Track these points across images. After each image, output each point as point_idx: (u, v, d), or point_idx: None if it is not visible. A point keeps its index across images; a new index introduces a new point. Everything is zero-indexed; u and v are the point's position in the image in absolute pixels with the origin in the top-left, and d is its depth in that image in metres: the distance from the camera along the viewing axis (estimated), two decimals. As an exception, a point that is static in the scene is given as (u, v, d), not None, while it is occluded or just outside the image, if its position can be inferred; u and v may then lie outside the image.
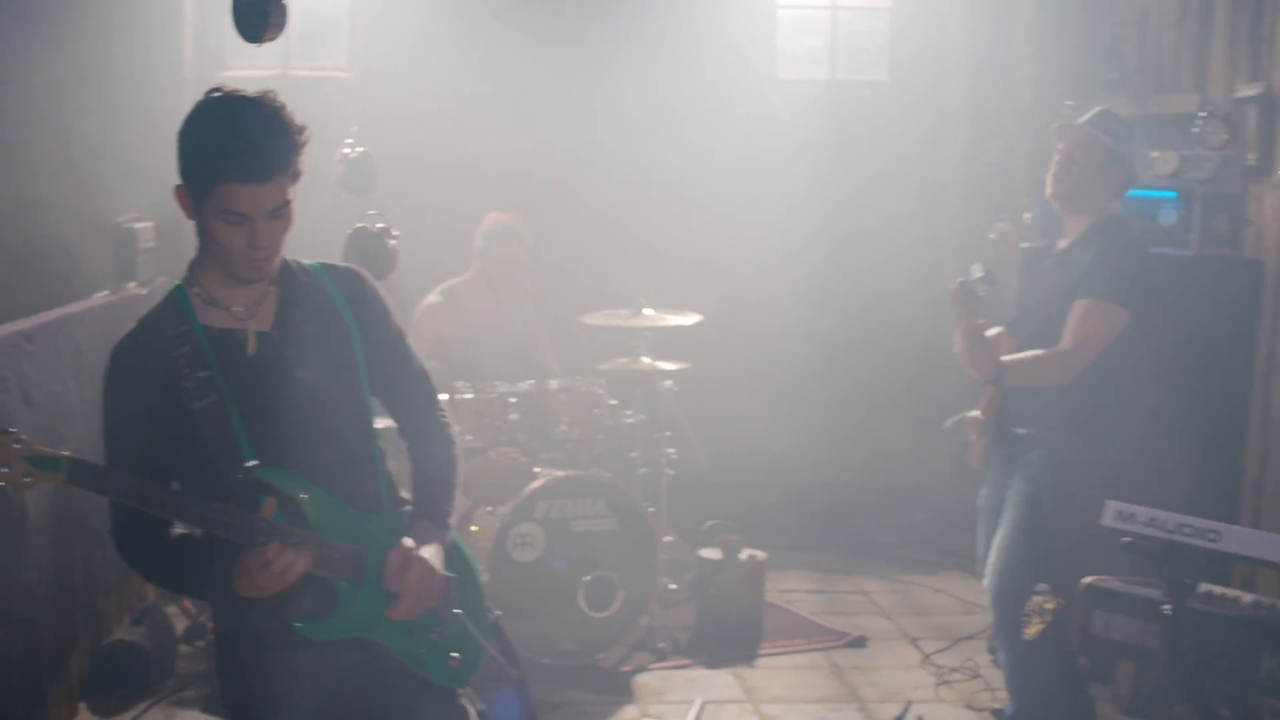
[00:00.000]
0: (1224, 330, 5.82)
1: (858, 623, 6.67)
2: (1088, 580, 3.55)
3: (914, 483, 8.23)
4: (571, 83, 7.85)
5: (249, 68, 7.26)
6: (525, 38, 7.79)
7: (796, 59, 8.64)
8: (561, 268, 7.61)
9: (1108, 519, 3.44)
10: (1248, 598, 3.46)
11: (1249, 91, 6.14)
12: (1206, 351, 5.75)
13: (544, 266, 7.23)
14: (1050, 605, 3.90)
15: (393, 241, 5.84)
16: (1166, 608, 3.36)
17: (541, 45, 7.85)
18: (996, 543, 4.88)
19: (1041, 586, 4.07)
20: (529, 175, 7.66)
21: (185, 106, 3.02)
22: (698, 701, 5.64)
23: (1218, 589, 3.49)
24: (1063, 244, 4.99)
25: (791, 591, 7.09)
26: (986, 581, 4.90)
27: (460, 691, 3.36)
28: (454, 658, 3.32)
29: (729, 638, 6.29)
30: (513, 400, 6.12)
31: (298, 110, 3.03)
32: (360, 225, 5.79)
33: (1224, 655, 3.33)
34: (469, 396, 6.09)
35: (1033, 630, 3.92)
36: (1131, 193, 5.66)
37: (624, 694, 5.77)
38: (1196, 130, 6.11)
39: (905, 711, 5.57)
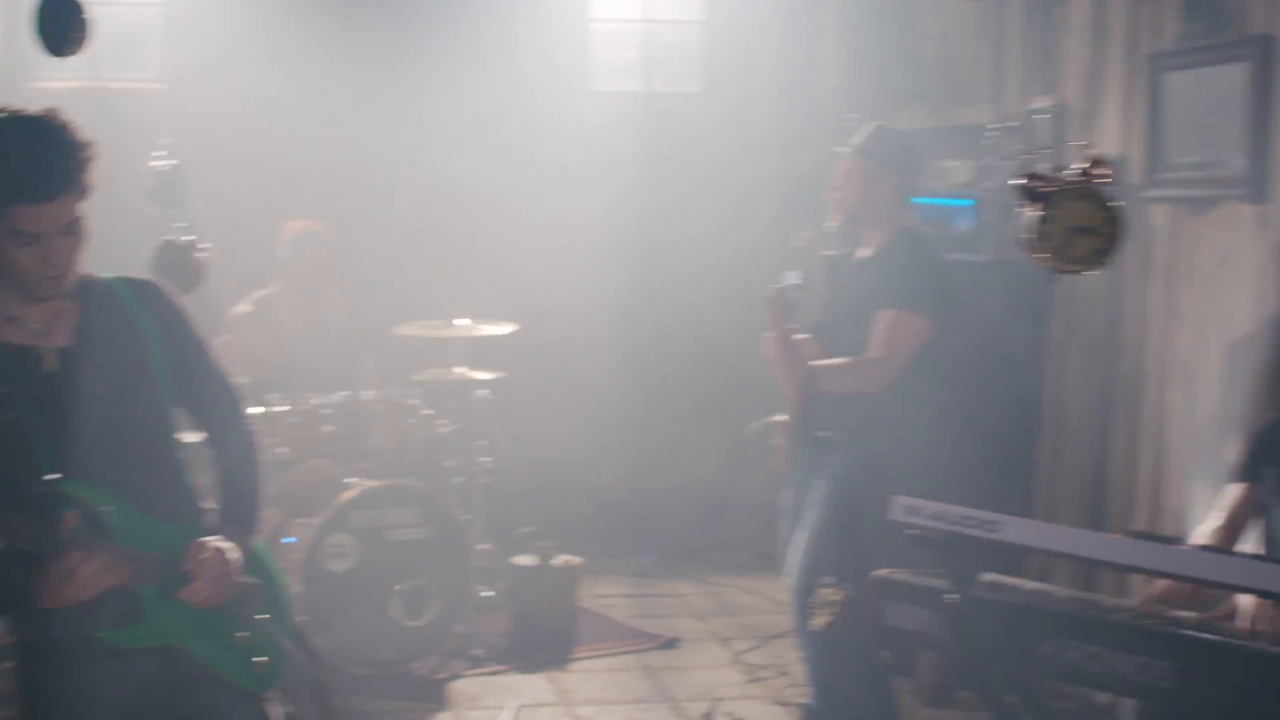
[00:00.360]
0: (1018, 333, 6.03)
1: (671, 625, 6.78)
2: (878, 573, 3.67)
3: (727, 486, 8.36)
4: (386, 94, 7.84)
5: (59, 80, 7.13)
6: (339, 48, 7.73)
7: (611, 71, 8.73)
8: (375, 278, 7.60)
9: (896, 514, 3.55)
10: (1029, 585, 3.60)
11: (1041, 104, 6.38)
12: (1003, 354, 5.94)
13: (357, 276, 7.21)
14: (836, 597, 4.03)
15: (201, 254, 5.80)
16: (951, 597, 3.49)
17: (356, 56, 7.81)
18: (800, 543, 5.01)
19: (827, 579, 4.20)
20: (344, 185, 7.63)
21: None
22: (512, 706, 5.70)
23: (1001, 578, 3.63)
24: (864, 253, 5.16)
25: (606, 596, 7.17)
26: (790, 580, 5.04)
27: (266, 695, 3.39)
28: (259, 662, 3.35)
29: (544, 643, 6.35)
30: (327, 412, 6.13)
31: (109, 122, 3.06)
32: (167, 238, 5.75)
33: (1007, 641, 3.47)
34: (283, 409, 6.08)
35: (820, 621, 4.04)
36: (929, 200, 5.87)
37: (438, 701, 5.81)
38: (991, 141, 6.32)
39: (713, 709, 5.68)
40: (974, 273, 5.92)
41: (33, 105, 3.07)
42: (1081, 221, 3.40)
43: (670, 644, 6.51)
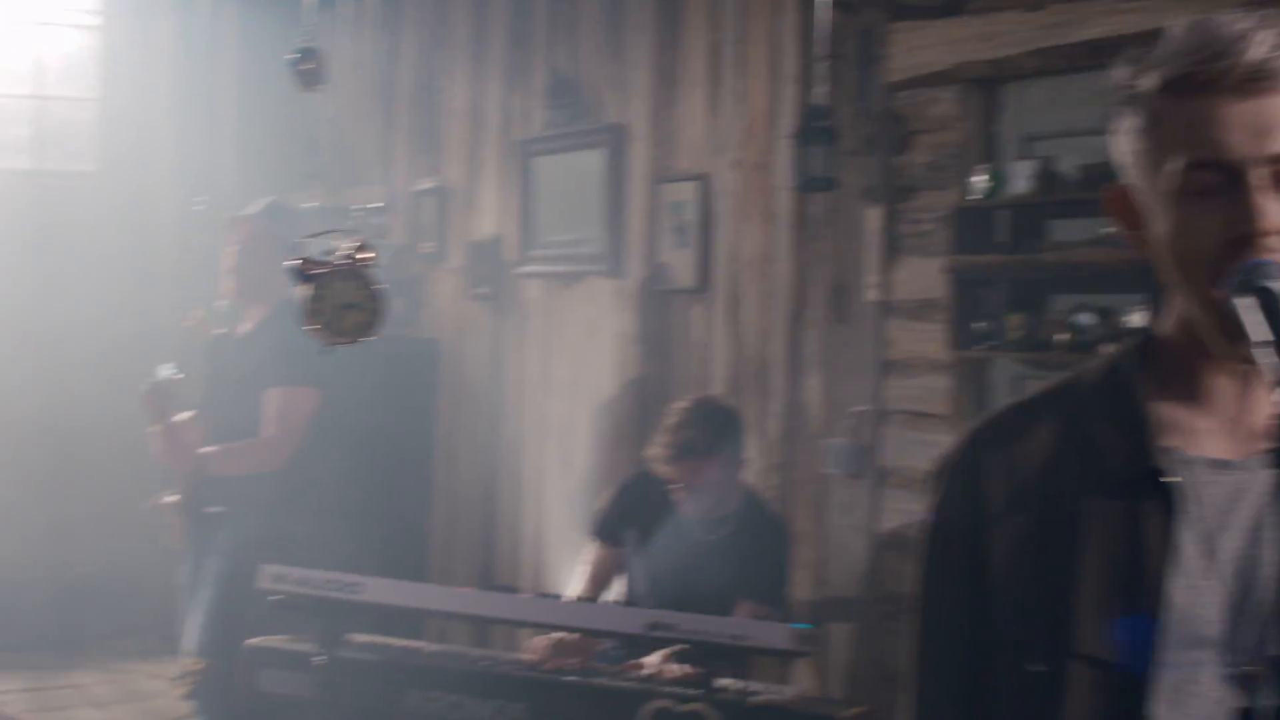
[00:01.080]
0: (410, 404, 6.25)
1: (70, 717, 6.59)
2: (250, 641, 3.75)
3: (127, 569, 8.17)
4: None
5: None
6: None
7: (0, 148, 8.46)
8: None
9: (262, 581, 3.65)
10: (398, 643, 3.78)
11: (427, 185, 6.68)
12: (396, 425, 6.13)
13: None
14: (196, 667, 4.09)
15: None
16: (319, 658, 3.61)
17: None
18: (194, 621, 5.00)
19: (189, 649, 4.23)
20: None
21: None
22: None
23: (373, 638, 3.78)
24: (245, 328, 5.21)
25: (2, 692, 6.87)
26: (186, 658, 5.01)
27: None
28: None
29: (-73, 746, 6.06)
30: None
31: None
32: None
33: (374, 697, 3.62)
34: None
35: (182, 691, 4.08)
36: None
37: None
38: (359, 221, 6.58)
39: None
40: (363, 347, 6.08)
41: None
42: (348, 299, 3.75)
43: (63, 736, 6.36)
